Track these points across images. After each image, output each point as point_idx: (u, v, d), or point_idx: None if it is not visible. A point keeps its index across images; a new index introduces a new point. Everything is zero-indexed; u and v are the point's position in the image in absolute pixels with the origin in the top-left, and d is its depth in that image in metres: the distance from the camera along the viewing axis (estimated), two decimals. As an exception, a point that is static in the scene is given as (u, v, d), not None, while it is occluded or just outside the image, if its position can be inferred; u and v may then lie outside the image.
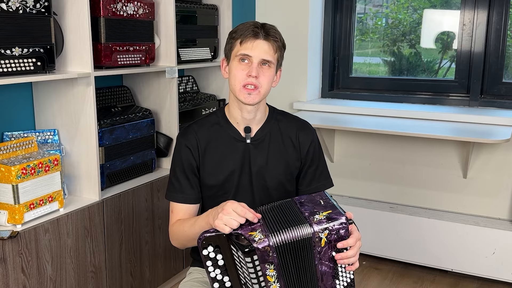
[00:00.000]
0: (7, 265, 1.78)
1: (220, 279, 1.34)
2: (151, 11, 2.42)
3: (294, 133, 1.60)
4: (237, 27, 1.50)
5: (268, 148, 1.57)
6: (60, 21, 2.09)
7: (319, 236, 1.30)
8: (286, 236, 1.29)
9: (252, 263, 1.27)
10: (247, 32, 1.46)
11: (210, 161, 1.55)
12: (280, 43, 1.50)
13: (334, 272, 1.35)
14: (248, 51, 1.45)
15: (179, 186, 1.56)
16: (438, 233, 2.79)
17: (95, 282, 2.16)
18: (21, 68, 1.86)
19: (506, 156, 2.83)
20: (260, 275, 1.29)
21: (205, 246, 1.32)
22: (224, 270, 1.33)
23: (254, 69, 1.45)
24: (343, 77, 3.43)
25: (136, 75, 2.64)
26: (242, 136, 1.56)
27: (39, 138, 2.15)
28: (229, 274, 1.34)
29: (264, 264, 1.28)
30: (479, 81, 2.97)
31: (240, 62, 1.47)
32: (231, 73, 1.50)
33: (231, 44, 1.50)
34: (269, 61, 1.47)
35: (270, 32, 1.47)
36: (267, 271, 1.29)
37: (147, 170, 2.55)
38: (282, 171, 1.58)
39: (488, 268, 2.70)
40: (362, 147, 3.21)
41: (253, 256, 1.27)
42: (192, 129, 1.58)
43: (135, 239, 2.37)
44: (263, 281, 1.29)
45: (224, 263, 1.33)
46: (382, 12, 3.42)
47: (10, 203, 1.84)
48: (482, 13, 2.91)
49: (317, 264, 1.33)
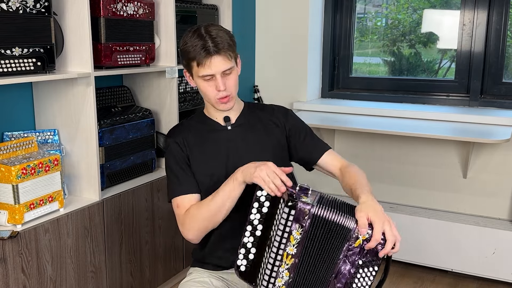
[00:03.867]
0: (7, 265, 1.78)
1: (255, 224, 1.41)
2: (151, 11, 2.42)
3: (272, 114, 1.69)
4: (186, 46, 1.51)
5: (249, 131, 1.63)
6: (60, 21, 2.09)
7: (357, 236, 1.34)
8: (329, 215, 1.34)
9: (287, 215, 1.32)
10: (199, 55, 1.48)
11: (198, 154, 1.60)
12: (231, 46, 1.53)
13: (351, 280, 1.36)
14: (207, 71, 1.50)
15: (177, 181, 1.58)
16: (438, 233, 2.79)
17: (95, 282, 2.16)
18: (21, 68, 1.86)
19: (506, 156, 2.83)
20: (287, 231, 1.33)
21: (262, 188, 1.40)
22: (263, 219, 1.40)
23: (220, 84, 1.51)
24: (343, 77, 3.43)
25: (136, 75, 2.64)
26: (223, 125, 1.63)
27: (39, 138, 2.15)
28: (264, 224, 1.40)
29: (295, 223, 1.32)
30: (479, 81, 2.97)
31: (204, 80, 1.53)
32: (201, 90, 1.57)
33: (188, 64, 1.54)
34: (229, 68, 1.52)
35: (219, 45, 1.48)
36: (294, 231, 1.33)
37: (147, 170, 2.55)
38: (270, 149, 1.62)
39: (488, 268, 2.70)
40: (362, 147, 3.21)
41: (292, 210, 1.32)
42: (177, 129, 1.67)
43: (135, 239, 2.37)
44: (285, 238, 1.33)
45: (267, 212, 1.40)
46: (382, 13, 3.42)
47: (10, 203, 1.84)
48: (482, 13, 2.91)
49: (341, 259, 1.35)
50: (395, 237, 1.35)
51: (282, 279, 1.36)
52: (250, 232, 1.42)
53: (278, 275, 1.36)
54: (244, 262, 1.43)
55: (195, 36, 1.50)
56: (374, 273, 1.38)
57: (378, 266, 1.38)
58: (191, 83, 1.59)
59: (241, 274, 1.44)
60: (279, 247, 1.34)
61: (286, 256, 1.34)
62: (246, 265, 1.43)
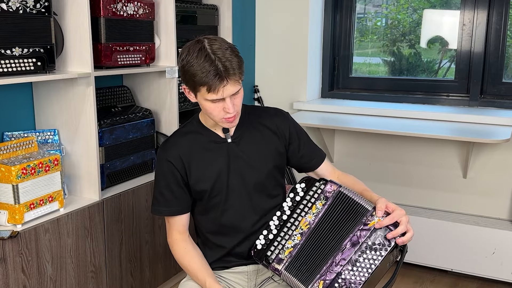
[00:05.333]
0: (7, 265, 1.78)
1: (285, 209, 1.54)
2: (151, 11, 2.42)
3: (270, 121, 1.62)
4: (193, 67, 1.39)
5: (250, 141, 1.59)
6: (60, 21, 2.09)
7: (372, 216, 1.43)
8: (352, 195, 1.48)
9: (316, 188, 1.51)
10: (211, 81, 1.38)
11: (196, 168, 1.55)
12: (240, 69, 1.43)
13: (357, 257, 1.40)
14: (219, 96, 1.41)
15: (163, 200, 1.58)
16: (438, 233, 2.79)
17: (95, 282, 2.16)
18: (21, 68, 1.86)
19: (506, 156, 2.83)
20: (311, 201, 1.50)
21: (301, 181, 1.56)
22: (294, 206, 1.54)
23: (230, 107, 1.43)
24: (343, 77, 3.43)
25: (136, 75, 2.64)
26: (222, 137, 1.58)
27: (39, 138, 2.15)
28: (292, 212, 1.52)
29: (321, 195, 1.50)
30: (479, 81, 2.97)
31: (212, 102, 1.43)
32: (205, 109, 1.47)
33: (193, 86, 1.43)
34: (238, 90, 1.45)
35: (230, 70, 1.38)
36: (317, 202, 1.49)
37: (147, 170, 2.55)
38: (271, 160, 1.60)
39: (488, 268, 2.70)
40: (362, 147, 3.21)
41: (322, 185, 1.51)
42: (171, 142, 1.59)
43: (135, 239, 2.37)
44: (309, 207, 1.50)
45: (300, 200, 1.53)
46: (382, 13, 3.42)
47: (10, 203, 1.84)
48: (482, 13, 2.91)
49: (352, 233, 1.42)
50: (408, 229, 1.41)
51: (292, 241, 1.48)
52: (277, 217, 1.54)
53: (290, 238, 1.48)
54: (262, 242, 1.53)
55: (202, 59, 1.38)
56: (381, 258, 1.39)
57: (386, 252, 1.38)
58: (191, 99, 1.49)
59: (256, 253, 1.54)
60: (299, 214, 1.50)
61: (303, 222, 1.48)
62: (263, 244, 1.53)
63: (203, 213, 1.62)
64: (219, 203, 1.57)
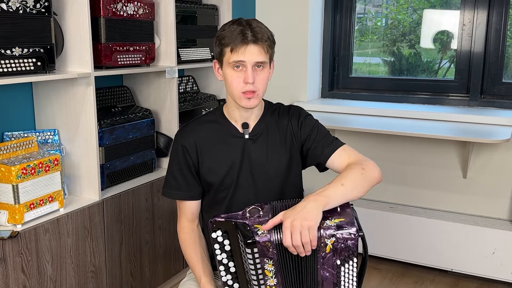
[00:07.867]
0: (7, 265, 1.78)
1: (225, 263, 1.38)
2: (151, 11, 2.42)
3: (287, 122, 1.62)
4: (223, 31, 1.47)
5: (267, 141, 1.58)
6: (60, 21, 2.09)
7: (324, 242, 1.30)
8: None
9: (252, 255, 1.30)
10: (236, 40, 1.43)
11: (209, 159, 1.56)
12: (270, 41, 1.49)
13: (337, 279, 1.34)
14: (240, 57, 1.44)
15: (175, 183, 1.58)
16: (438, 233, 2.79)
17: (95, 282, 2.16)
18: (21, 68, 1.86)
19: (506, 156, 2.83)
20: (259, 268, 1.31)
21: (215, 229, 1.36)
22: (230, 256, 1.37)
23: (249, 75, 1.45)
24: (343, 77, 3.43)
25: (136, 75, 2.64)
26: (240, 132, 1.58)
27: (39, 138, 2.15)
28: (234, 260, 1.37)
29: (263, 258, 1.30)
30: (479, 81, 2.97)
31: (234, 69, 1.47)
32: (227, 80, 1.50)
33: (221, 50, 1.48)
34: (262, 62, 1.47)
35: (258, 35, 1.44)
36: (266, 265, 1.31)
37: (147, 170, 2.55)
38: (285, 161, 1.58)
39: (488, 268, 2.70)
40: (362, 147, 3.20)
41: (253, 248, 1.29)
42: (189, 128, 1.59)
43: (135, 239, 2.37)
44: (261, 274, 1.32)
45: (230, 249, 1.36)
46: (382, 13, 3.42)
47: (10, 203, 1.84)
48: (482, 13, 2.91)
49: (319, 268, 1.33)
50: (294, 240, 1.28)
51: None
52: (224, 271, 1.39)
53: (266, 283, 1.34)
54: None
55: (235, 24, 1.46)
56: (355, 264, 1.35)
57: (355, 257, 1.34)
58: (218, 76, 1.54)
59: None
60: (259, 283, 1.33)
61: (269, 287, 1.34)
62: None
63: (206, 209, 1.62)
64: (225, 198, 1.57)
